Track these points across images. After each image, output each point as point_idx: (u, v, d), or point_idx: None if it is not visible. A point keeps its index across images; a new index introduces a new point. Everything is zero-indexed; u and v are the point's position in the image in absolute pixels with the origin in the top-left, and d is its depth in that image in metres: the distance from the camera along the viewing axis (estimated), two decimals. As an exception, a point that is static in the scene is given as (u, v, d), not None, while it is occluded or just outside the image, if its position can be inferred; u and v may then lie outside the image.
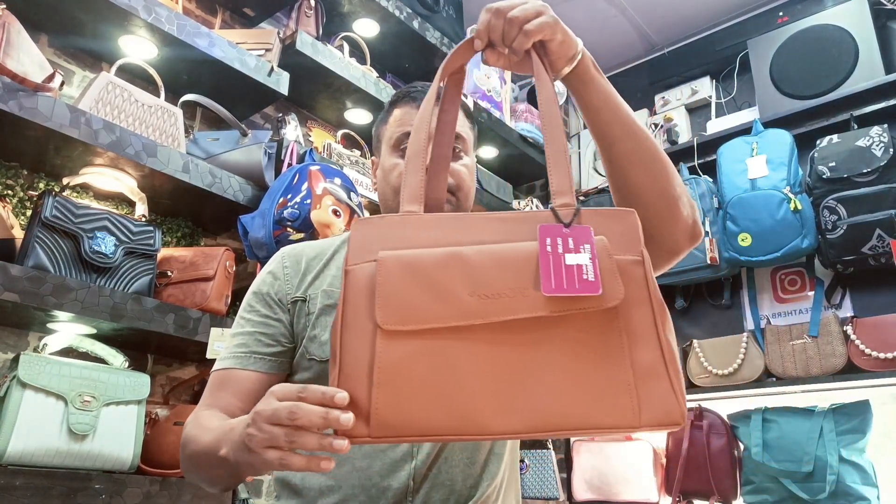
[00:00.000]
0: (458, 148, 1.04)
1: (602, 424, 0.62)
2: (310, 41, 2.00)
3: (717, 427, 2.31)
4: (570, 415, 0.62)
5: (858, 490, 1.98)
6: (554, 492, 2.42)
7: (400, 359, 0.63)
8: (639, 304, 0.66)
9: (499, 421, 0.62)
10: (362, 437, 0.62)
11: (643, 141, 0.88)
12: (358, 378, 0.63)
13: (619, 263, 0.67)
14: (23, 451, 1.21)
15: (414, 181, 0.76)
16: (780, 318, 2.48)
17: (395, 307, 0.64)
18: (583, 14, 3.01)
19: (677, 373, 0.64)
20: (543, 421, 0.62)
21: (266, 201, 1.69)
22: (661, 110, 3.05)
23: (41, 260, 1.32)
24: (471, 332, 0.64)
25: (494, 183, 2.57)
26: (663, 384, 0.64)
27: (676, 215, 0.89)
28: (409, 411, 0.62)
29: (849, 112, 2.38)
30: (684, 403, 0.64)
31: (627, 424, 0.62)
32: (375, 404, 0.62)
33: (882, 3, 2.51)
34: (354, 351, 0.65)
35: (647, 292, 0.67)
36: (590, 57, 0.86)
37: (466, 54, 0.85)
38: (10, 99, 1.31)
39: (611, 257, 0.67)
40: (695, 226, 0.92)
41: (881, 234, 2.09)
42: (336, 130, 2.33)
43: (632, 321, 0.65)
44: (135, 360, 1.59)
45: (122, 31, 1.67)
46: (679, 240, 0.91)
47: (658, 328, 0.65)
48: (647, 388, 0.63)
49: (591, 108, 0.87)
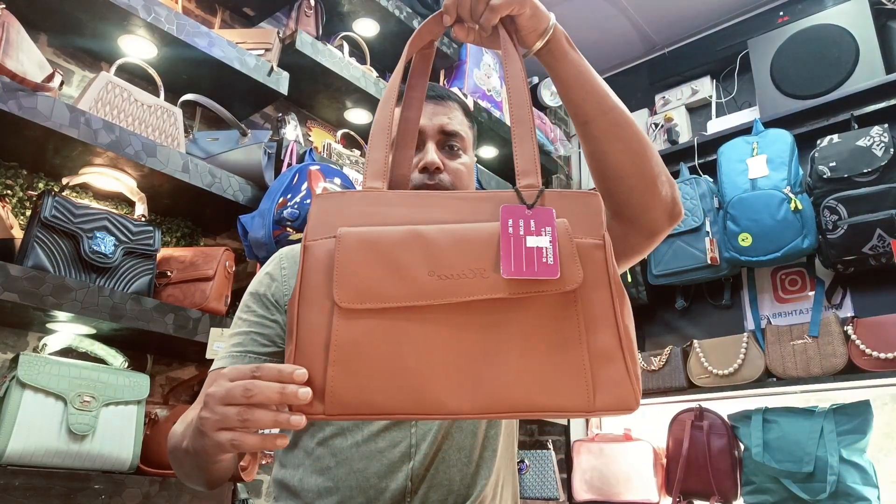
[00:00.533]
0: (457, 147, 1.03)
1: (555, 407, 0.62)
2: (310, 41, 2.00)
3: (718, 427, 2.30)
4: (524, 397, 0.62)
5: (859, 490, 1.98)
6: (554, 492, 2.42)
7: (356, 337, 0.63)
8: (598, 287, 0.66)
9: (453, 401, 0.62)
10: (317, 414, 0.62)
11: (620, 118, 0.87)
12: (314, 355, 0.63)
13: (579, 247, 0.67)
14: (22, 452, 1.21)
15: (378, 157, 0.75)
16: (781, 318, 2.48)
17: (353, 285, 0.64)
18: (583, 14, 3.00)
19: (633, 358, 0.64)
20: (498, 402, 0.62)
21: (266, 201, 1.69)
22: (662, 110, 3.05)
23: (40, 260, 1.32)
24: (429, 312, 0.64)
25: (494, 183, 2.57)
26: (619, 369, 0.63)
27: (655, 194, 0.89)
28: (364, 390, 0.62)
29: (849, 112, 2.37)
30: (639, 389, 0.64)
31: (580, 408, 0.62)
32: (331, 382, 0.62)
33: (882, 3, 2.50)
34: (311, 328, 0.64)
35: (606, 276, 0.66)
36: (562, 31, 0.85)
37: (435, 29, 0.84)
38: (9, 99, 1.31)
39: (571, 241, 0.66)
40: (674, 204, 0.91)
41: (882, 234, 2.08)
42: (336, 130, 2.33)
43: (590, 305, 0.65)
44: (134, 361, 1.59)
45: (122, 30, 1.66)
46: (658, 218, 0.91)
47: (616, 312, 0.65)
48: (601, 372, 0.63)
49: (565, 83, 0.86)
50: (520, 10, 0.79)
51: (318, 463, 0.91)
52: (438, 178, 0.98)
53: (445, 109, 1.01)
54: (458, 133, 1.03)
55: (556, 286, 0.64)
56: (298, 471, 0.93)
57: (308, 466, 0.92)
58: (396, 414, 0.62)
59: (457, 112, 1.04)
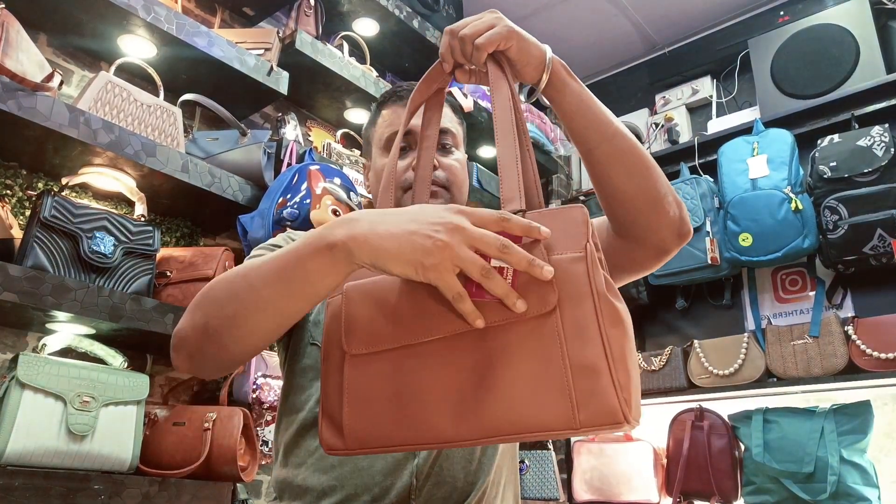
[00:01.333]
0: (449, 144, 1.05)
1: (540, 427, 0.63)
2: (309, 40, 2.00)
3: (718, 427, 2.30)
4: (514, 419, 0.63)
5: (859, 491, 1.98)
6: (554, 492, 2.42)
7: (363, 379, 0.70)
8: (578, 301, 0.64)
9: (451, 429, 0.65)
10: (341, 450, 0.70)
11: (622, 144, 0.87)
12: (334, 399, 0.71)
13: (557, 263, 0.65)
14: (22, 452, 1.21)
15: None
16: (781, 319, 2.47)
17: (356, 333, 0.71)
18: (583, 14, 3.00)
19: (623, 369, 0.62)
20: (490, 427, 0.64)
21: (265, 201, 1.68)
22: (662, 110, 3.04)
23: (40, 260, 1.32)
24: (422, 349, 0.68)
25: (494, 183, 2.57)
26: (604, 382, 0.61)
27: (662, 215, 0.89)
28: (374, 425, 0.68)
29: (850, 112, 2.37)
30: (630, 400, 0.61)
31: (564, 426, 0.61)
32: (346, 421, 0.69)
33: (883, 3, 2.50)
34: (330, 375, 0.72)
35: (588, 288, 0.65)
36: (561, 62, 0.86)
37: (439, 77, 0.87)
38: (9, 98, 1.31)
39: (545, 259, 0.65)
40: (682, 224, 0.92)
41: (882, 234, 2.08)
42: (335, 130, 2.33)
43: (571, 320, 0.64)
44: (134, 361, 1.58)
45: (122, 30, 1.66)
46: (666, 238, 0.91)
47: (600, 324, 0.63)
48: (584, 387, 0.61)
49: (567, 113, 0.87)
50: (506, 45, 0.81)
51: (322, 461, 0.91)
52: (434, 175, 1.00)
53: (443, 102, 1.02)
54: (449, 130, 1.05)
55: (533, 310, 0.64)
56: (301, 469, 0.92)
57: (311, 465, 0.92)
58: (404, 446, 0.67)
59: (447, 110, 1.06)
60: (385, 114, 1.08)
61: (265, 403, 1.69)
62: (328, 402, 0.71)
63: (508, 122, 0.77)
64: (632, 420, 0.61)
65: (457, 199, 1.04)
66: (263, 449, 1.69)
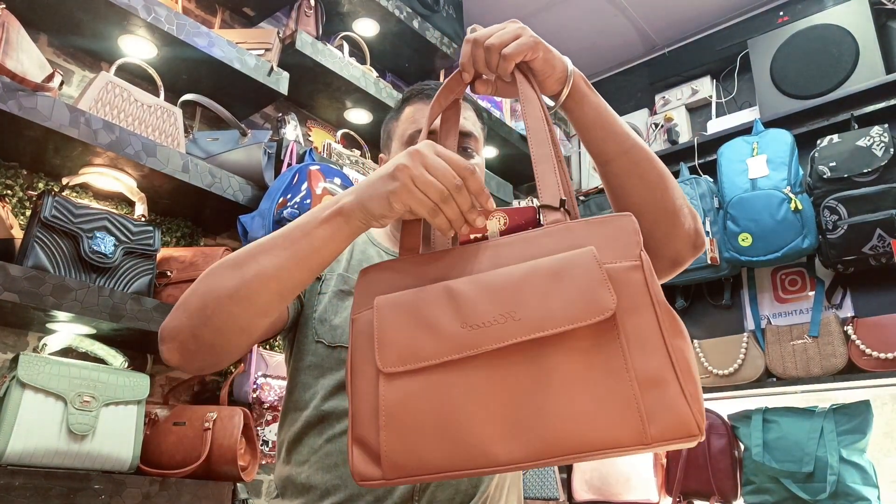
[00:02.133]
0: (471, 148, 1.04)
1: (609, 444, 0.58)
2: (309, 41, 2.00)
3: (718, 427, 2.30)
4: (576, 437, 0.59)
5: (859, 490, 1.98)
6: (554, 492, 2.42)
7: (401, 399, 0.64)
8: (639, 310, 0.63)
9: (504, 451, 0.60)
10: (377, 479, 0.63)
11: (639, 156, 0.87)
12: (368, 422, 0.65)
13: (612, 271, 0.64)
14: (22, 452, 1.21)
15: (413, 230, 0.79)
16: (781, 318, 2.48)
17: (392, 349, 0.66)
18: (583, 14, 3.00)
19: (690, 379, 0.60)
20: (549, 446, 0.60)
21: (266, 201, 1.68)
22: (662, 110, 3.05)
23: (40, 260, 1.32)
24: (467, 364, 0.63)
25: (494, 183, 2.57)
26: (673, 393, 0.59)
27: (678, 227, 0.89)
28: (415, 450, 0.62)
29: (849, 112, 2.37)
30: (700, 411, 0.59)
31: (635, 442, 0.58)
32: (384, 446, 0.63)
33: (882, 3, 2.50)
34: (362, 396, 0.67)
35: (648, 297, 0.63)
36: (581, 75, 0.86)
37: (457, 88, 0.86)
38: (9, 99, 1.31)
39: (600, 267, 0.64)
40: (697, 236, 0.92)
41: (882, 234, 2.08)
42: (336, 130, 2.33)
43: (632, 330, 0.62)
44: (134, 361, 1.59)
45: (122, 30, 1.66)
46: (681, 250, 0.91)
47: (664, 333, 0.62)
48: (652, 399, 0.59)
49: (585, 126, 0.87)
50: (533, 55, 0.80)
51: (325, 460, 0.91)
52: None
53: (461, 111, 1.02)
54: (472, 134, 1.04)
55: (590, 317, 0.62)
56: (304, 468, 0.92)
57: (314, 463, 0.91)
58: (450, 472, 0.62)
59: (470, 112, 1.05)
60: (409, 110, 1.07)
61: (265, 403, 1.69)
62: (360, 427, 0.66)
63: (543, 132, 0.77)
64: (703, 431, 0.60)
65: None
66: (264, 449, 1.70)
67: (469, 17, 2.84)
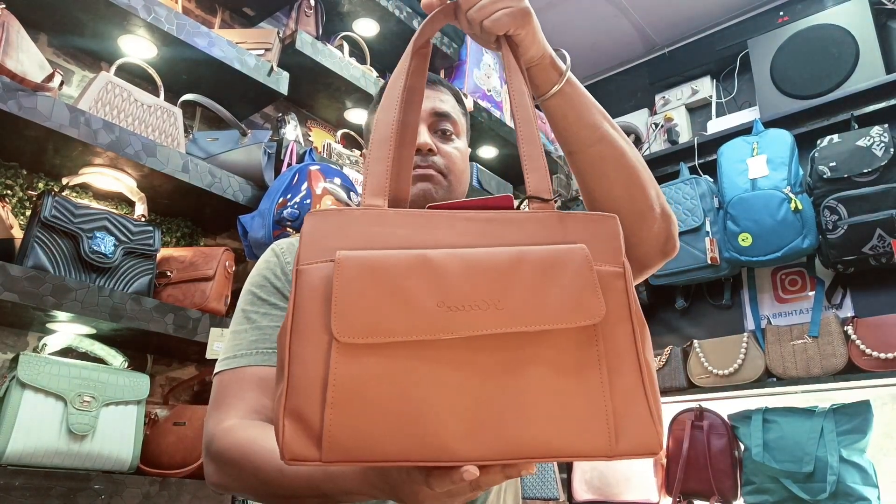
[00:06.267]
0: (449, 131, 1.00)
1: (574, 452, 0.58)
2: (309, 41, 2.00)
3: (718, 427, 2.30)
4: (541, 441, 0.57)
5: (859, 490, 1.98)
6: (554, 492, 2.42)
7: (357, 376, 0.56)
8: (619, 320, 0.61)
9: (465, 446, 0.56)
10: (312, 460, 0.55)
11: (605, 152, 0.82)
12: (309, 394, 0.56)
13: (600, 275, 0.61)
14: (22, 452, 1.21)
15: (379, 170, 0.68)
16: (781, 318, 2.48)
17: (354, 317, 0.57)
18: (583, 14, 3.00)
19: (656, 398, 0.60)
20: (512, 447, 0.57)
21: (266, 201, 1.68)
22: (662, 110, 3.05)
23: (40, 260, 1.32)
24: (438, 348, 0.57)
25: (494, 183, 2.57)
26: (641, 410, 0.59)
27: (644, 229, 0.85)
28: (365, 433, 0.55)
29: (849, 112, 2.37)
30: (662, 430, 0.60)
31: (601, 452, 0.57)
32: (329, 426, 0.55)
33: (883, 3, 2.50)
34: (306, 363, 0.57)
35: (627, 308, 0.62)
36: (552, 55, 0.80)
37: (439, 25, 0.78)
38: (9, 99, 1.31)
39: (592, 269, 0.61)
40: (667, 241, 0.87)
41: (882, 234, 2.08)
42: (336, 130, 2.33)
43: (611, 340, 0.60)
44: (134, 361, 1.59)
45: (122, 30, 1.66)
46: (649, 253, 0.87)
47: (638, 348, 0.60)
48: (624, 413, 0.58)
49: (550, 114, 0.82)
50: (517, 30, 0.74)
51: None
52: (431, 159, 0.96)
53: (437, 93, 1.00)
54: (449, 115, 1.00)
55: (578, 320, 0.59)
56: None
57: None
58: (401, 460, 0.56)
59: (448, 96, 1.02)
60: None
61: (265, 403, 1.69)
62: (298, 398, 0.56)
63: (528, 109, 0.70)
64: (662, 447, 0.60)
65: (455, 189, 0.99)
66: (263, 449, 1.69)
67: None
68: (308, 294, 0.59)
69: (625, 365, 0.60)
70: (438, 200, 0.95)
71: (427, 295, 0.58)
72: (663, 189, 2.60)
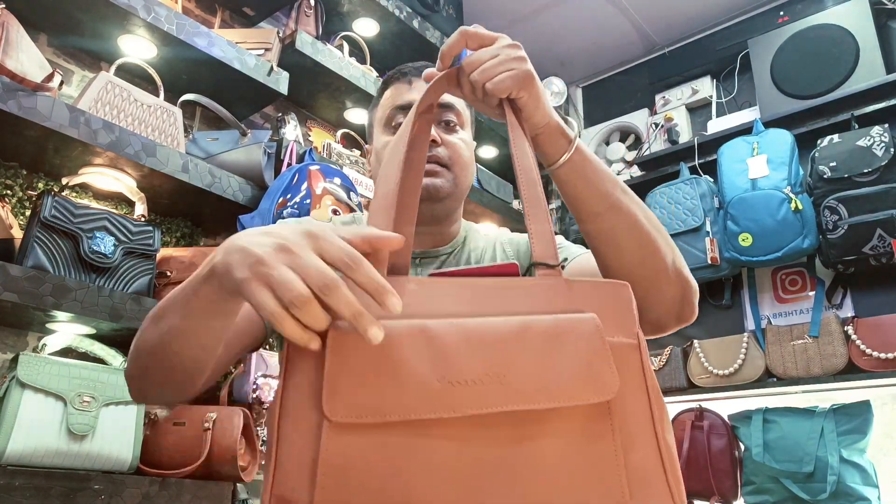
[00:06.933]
0: (453, 122, 0.97)
1: None
2: (309, 41, 2.00)
3: (718, 427, 2.30)
4: None
5: (859, 490, 1.98)
6: None
7: (350, 457, 0.51)
8: (634, 396, 0.57)
9: None
10: None
11: (616, 219, 0.77)
12: (298, 476, 0.51)
13: (613, 348, 0.57)
14: (22, 452, 1.21)
15: None
16: (781, 318, 2.47)
17: (348, 394, 0.52)
18: (583, 14, 3.00)
19: (677, 479, 0.57)
20: None
21: (266, 201, 1.68)
22: (662, 110, 3.05)
23: (40, 260, 1.32)
24: (439, 427, 0.53)
25: (494, 183, 2.57)
26: (661, 493, 0.55)
27: (659, 293, 0.79)
28: None
29: (849, 112, 2.37)
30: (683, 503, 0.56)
31: None
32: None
33: (883, 3, 2.50)
34: (294, 444, 0.52)
35: (643, 382, 0.58)
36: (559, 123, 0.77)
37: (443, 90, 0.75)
38: (9, 99, 1.31)
39: (604, 341, 0.57)
40: (683, 307, 0.81)
41: (882, 234, 2.08)
42: (336, 130, 2.33)
43: (626, 417, 0.56)
44: (134, 361, 1.58)
45: (122, 30, 1.66)
46: (662, 318, 0.82)
47: (656, 425, 0.57)
48: (642, 498, 0.55)
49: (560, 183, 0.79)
50: (519, 94, 0.72)
51: None
52: (435, 150, 0.93)
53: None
54: (453, 105, 0.97)
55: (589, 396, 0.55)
56: None
57: None
58: None
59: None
60: (388, 93, 1.00)
61: (265, 403, 1.69)
62: (285, 479, 0.51)
63: (533, 170, 0.68)
64: None
65: (460, 182, 0.96)
66: (263, 449, 1.69)
67: (469, 16, 2.84)
68: (299, 367, 0.55)
69: (642, 444, 0.56)
70: (444, 193, 0.94)
71: (426, 369, 0.53)
72: (663, 189, 2.61)
